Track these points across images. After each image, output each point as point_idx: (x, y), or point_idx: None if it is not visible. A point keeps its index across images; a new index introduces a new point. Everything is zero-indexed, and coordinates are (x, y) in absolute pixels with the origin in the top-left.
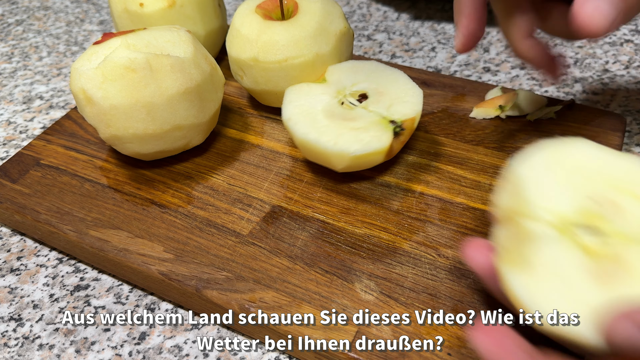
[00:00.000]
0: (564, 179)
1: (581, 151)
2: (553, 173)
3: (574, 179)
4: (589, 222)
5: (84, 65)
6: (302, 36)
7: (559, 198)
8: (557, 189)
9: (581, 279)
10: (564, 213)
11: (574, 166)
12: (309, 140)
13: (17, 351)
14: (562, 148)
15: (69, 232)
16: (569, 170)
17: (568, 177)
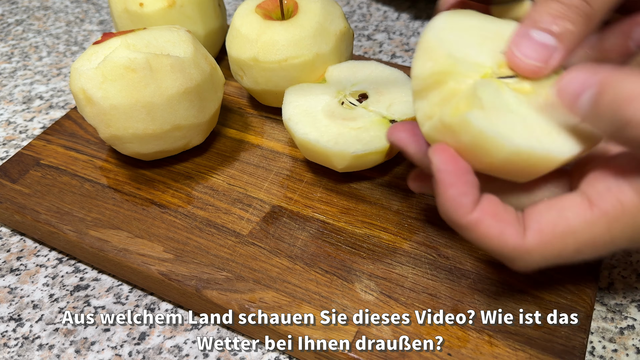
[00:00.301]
0: (475, 39)
1: (475, 17)
2: (465, 35)
3: (481, 39)
4: (510, 72)
5: (84, 65)
6: (302, 36)
7: (480, 55)
8: (475, 48)
9: (530, 112)
10: (489, 66)
11: (476, 29)
12: (309, 140)
13: (17, 351)
14: (460, 16)
15: (69, 232)
16: (473, 32)
17: (476, 37)
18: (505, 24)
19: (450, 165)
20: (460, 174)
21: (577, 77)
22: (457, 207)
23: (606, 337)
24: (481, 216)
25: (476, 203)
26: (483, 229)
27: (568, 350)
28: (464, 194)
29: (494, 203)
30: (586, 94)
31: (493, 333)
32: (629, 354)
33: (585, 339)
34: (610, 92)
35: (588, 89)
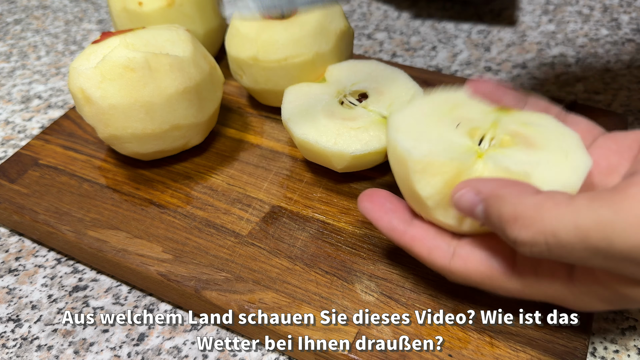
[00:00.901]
0: (437, 124)
1: (416, 107)
2: (429, 131)
3: (440, 119)
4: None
5: (83, 64)
6: (302, 35)
7: (456, 136)
8: (448, 132)
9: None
10: (469, 145)
11: (428, 115)
12: (309, 140)
13: (16, 352)
14: (408, 114)
15: (68, 233)
16: (430, 120)
17: (437, 121)
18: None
19: (369, 204)
20: (380, 206)
21: (465, 197)
22: (391, 231)
23: (607, 338)
24: (414, 234)
25: (407, 223)
26: (416, 247)
27: (569, 351)
28: (391, 220)
29: (426, 227)
30: (477, 209)
31: (494, 334)
32: (630, 354)
33: (587, 340)
34: (494, 212)
35: (477, 205)
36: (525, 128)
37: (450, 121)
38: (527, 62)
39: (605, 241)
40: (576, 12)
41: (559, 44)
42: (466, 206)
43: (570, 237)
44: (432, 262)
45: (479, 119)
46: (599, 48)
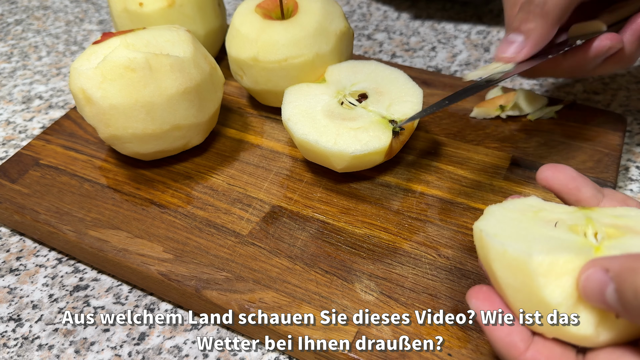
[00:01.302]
0: (538, 227)
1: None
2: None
3: (538, 222)
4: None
5: (83, 65)
6: (302, 36)
7: (565, 235)
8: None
9: None
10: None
11: (521, 220)
12: (309, 140)
13: (17, 351)
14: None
15: (68, 232)
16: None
17: (536, 225)
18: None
19: (487, 304)
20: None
21: (593, 276)
22: (509, 347)
23: None
24: (536, 356)
25: (528, 341)
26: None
27: None
28: (511, 333)
29: (549, 345)
30: (608, 291)
31: None
32: None
33: None
34: (629, 288)
35: (608, 286)
36: (621, 220)
37: (543, 223)
38: None
39: None
40: None
41: None
42: (595, 288)
43: None
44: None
45: (570, 218)
46: None
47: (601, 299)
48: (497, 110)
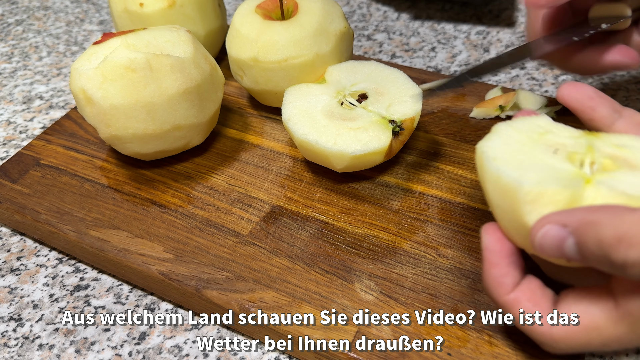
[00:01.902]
0: (538, 150)
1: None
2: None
3: (538, 144)
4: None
5: (84, 65)
6: (302, 36)
7: (558, 162)
8: (549, 158)
9: None
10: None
11: (524, 141)
12: (309, 140)
13: (17, 351)
14: (504, 138)
15: (69, 232)
16: (529, 145)
17: (536, 147)
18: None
19: (497, 245)
20: (505, 255)
21: (551, 232)
22: (498, 286)
23: None
24: (518, 297)
25: (516, 284)
26: (516, 311)
27: None
28: (505, 275)
29: (533, 287)
30: (567, 244)
31: (493, 333)
32: (628, 353)
33: None
34: (591, 241)
35: (567, 239)
36: (622, 150)
37: (545, 147)
38: (525, 62)
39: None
40: None
41: None
42: (553, 243)
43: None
44: (531, 328)
45: (573, 144)
46: None
47: (559, 252)
48: (496, 111)
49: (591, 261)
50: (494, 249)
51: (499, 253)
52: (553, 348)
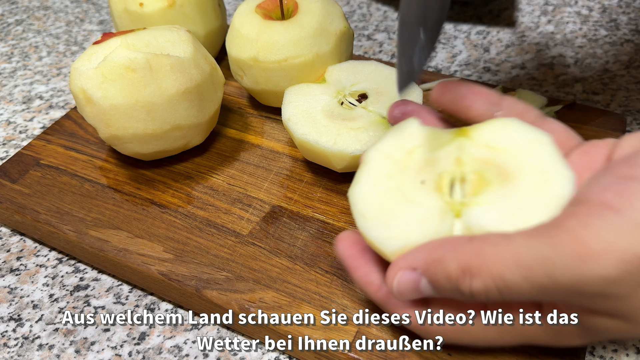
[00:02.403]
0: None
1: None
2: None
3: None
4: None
5: (84, 65)
6: (302, 36)
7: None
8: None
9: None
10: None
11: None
12: (309, 140)
13: (17, 351)
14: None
15: (69, 232)
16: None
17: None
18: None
19: (350, 250)
20: (361, 257)
21: (404, 278)
22: (367, 285)
23: None
24: (388, 294)
25: (382, 279)
26: (391, 305)
27: (568, 351)
28: (368, 273)
29: None
30: (422, 283)
31: None
32: (629, 354)
33: None
34: (440, 276)
35: (420, 281)
36: (493, 152)
37: (413, 177)
38: (526, 62)
39: (548, 278)
40: (575, 12)
41: (558, 44)
42: (409, 287)
43: (515, 277)
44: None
45: (443, 158)
46: (597, 49)
47: (417, 293)
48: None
49: (447, 294)
50: (349, 254)
51: (354, 256)
52: (428, 338)
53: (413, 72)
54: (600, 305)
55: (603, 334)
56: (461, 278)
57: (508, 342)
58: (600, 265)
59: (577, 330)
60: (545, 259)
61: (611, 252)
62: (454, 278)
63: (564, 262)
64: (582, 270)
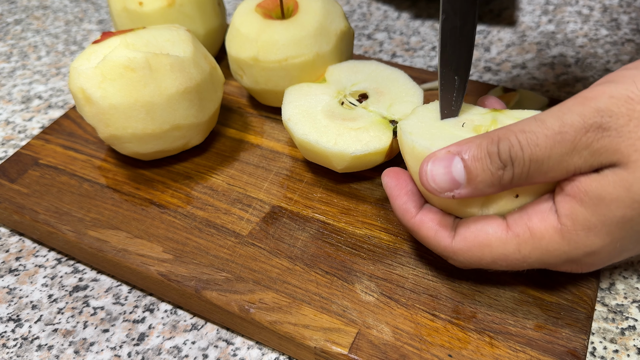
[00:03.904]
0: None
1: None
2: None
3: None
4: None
5: (83, 64)
6: (303, 35)
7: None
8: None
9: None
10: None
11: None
12: (309, 140)
13: (16, 352)
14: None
15: (68, 232)
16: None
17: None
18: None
19: (395, 181)
20: (403, 187)
21: (437, 158)
22: (404, 213)
23: (607, 338)
24: (422, 219)
25: (419, 208)
26: (424, 230)
27: (569, 352)
28: (407, 202)
29: (434, 210)
30: (454, 165)
31: (494, 334)
32: (630, 354)
33: (586, 340)
34: (471, 151)
35: (452, 161)
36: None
37: (454, 122)
38: (526, 62)
39: (559, 120)
40: (576, 12)
41: (559, 44)
42: (442, 170)
43: (532, 126)
44: (437, 243)
45: (479, 119)
46: (598, 48)
47: (449, 179)
48: None
49: (478, 173)
50: (393, 184)
51: (397, 187)
52: (454, 261)
53: (452, 111)
54: (600, 143)
55: (610, 206)
56: (490, 145)
57: (526, 256)
58: (595, 101)
59: (588, 217)
60: (556, 110)
61: (603, 95)
62: (484, 147)
63: (568, 107)
64: (582, 108)
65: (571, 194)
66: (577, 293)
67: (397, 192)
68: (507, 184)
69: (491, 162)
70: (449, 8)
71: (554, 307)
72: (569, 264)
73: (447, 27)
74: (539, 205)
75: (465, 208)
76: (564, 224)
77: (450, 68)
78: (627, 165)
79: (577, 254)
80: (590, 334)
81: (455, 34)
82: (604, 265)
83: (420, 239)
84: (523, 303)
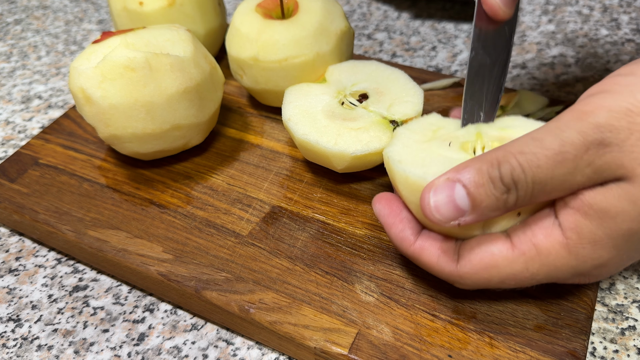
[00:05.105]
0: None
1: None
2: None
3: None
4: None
5: (83, 64)
6: (303, 35)
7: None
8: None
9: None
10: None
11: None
12: (309, 140)
13: (16, 352)
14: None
15: (68, 232)
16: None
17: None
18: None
19: (387, 208)
20: (397, 214)
21: (438, 188)
22: (401, 240)
23: (607, 338)
24: (422, 245)
25: (417, 234)
26: (425, 256)
27: (569, 352)
28: (403, 229)
29: (433, 235)
30: (456, 192)
31: (494, 334)
32: (630, 354)
33: (586, 340)
34: (471, 176)
35: (454, 188)
36: (505, 131)
37: (439, 142)
38: (526, 62)
39: (558, 139)
40: (576, 12)
41: (559, 44)
42: (445, 198)
43: (531, 148)
44: (440, 269)
45: (463, 134)
46: (598, 48)
47: (452, 207)
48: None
49: (482, 198)
50: (386, 213)
51: (391, 215)
52: (461, 285)
53: None
54: (603, 160)
55: (615, 220)
56: (490, 169)
57: (534, 274)
58: (594, 116)
59: (593, 230)
60: (553, 127)
61: (601, 109)
62: (484, 171)
63: (566, 123)
64: (581, 124)
65: (575, 207)
66: (577, 293)
67: (392, 220)
68: (511, 207)
69: (494, 187)
70: (479, 46)
71: (553, 308)
72: (577, 277)
73: (475, 64)
74: (541, 221)
75: (466, 230)
76: (569, 237)
77: (474, 102)
78: (632, 180)
79: (585, 267)
80: (590, 334)
81: (483, 73)
82: (611, 274)
83: (422, 265)
84: (523, 303)
